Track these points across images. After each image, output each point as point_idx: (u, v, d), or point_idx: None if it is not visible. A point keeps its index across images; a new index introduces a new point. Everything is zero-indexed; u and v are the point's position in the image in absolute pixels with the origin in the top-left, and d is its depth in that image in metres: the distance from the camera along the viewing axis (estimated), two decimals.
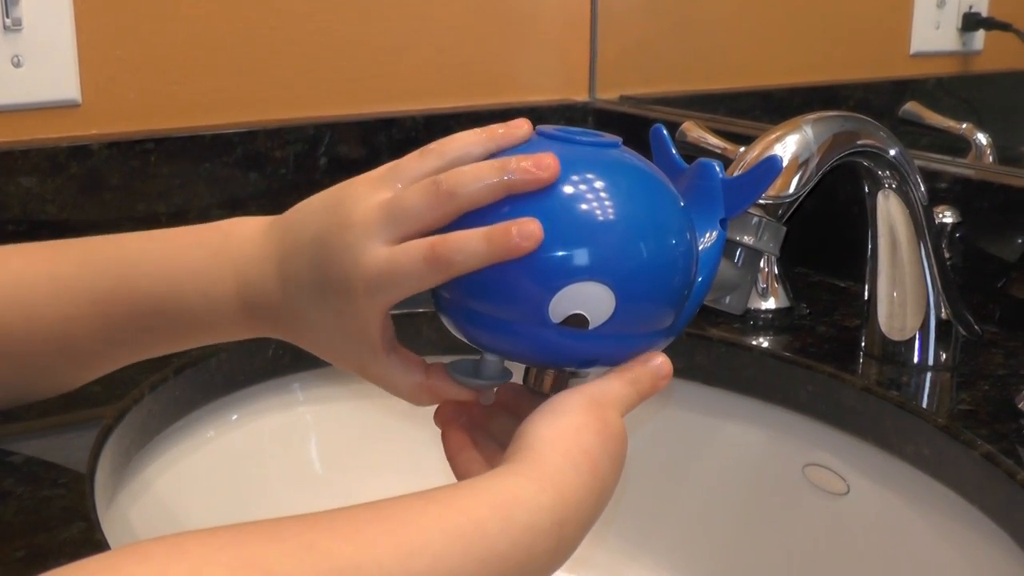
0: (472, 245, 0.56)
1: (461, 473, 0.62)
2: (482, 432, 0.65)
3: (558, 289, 0.56)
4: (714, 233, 0.63)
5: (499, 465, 0.56)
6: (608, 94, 1.37)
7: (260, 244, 0.65)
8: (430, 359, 0.97)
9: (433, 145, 0.63)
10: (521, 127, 0.62)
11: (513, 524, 0.51)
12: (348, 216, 0.60)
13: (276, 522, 0.48)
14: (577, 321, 0.57)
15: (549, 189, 0.57)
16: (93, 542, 0.63)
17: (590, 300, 0.57)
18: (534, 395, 0.63)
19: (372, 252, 0.58)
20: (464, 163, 0.60)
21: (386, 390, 0.64)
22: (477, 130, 0.62)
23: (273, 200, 1.16)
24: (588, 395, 0.58)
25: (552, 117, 1.32)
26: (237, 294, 0.64)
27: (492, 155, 0.61)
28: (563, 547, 0.54)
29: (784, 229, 0.77)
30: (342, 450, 0.99)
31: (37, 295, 0.67)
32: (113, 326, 0.67)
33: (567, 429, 0.56)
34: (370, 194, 0.60)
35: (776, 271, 0.99)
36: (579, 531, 0.56)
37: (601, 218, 0.57)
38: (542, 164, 0.57)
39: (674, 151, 0.67)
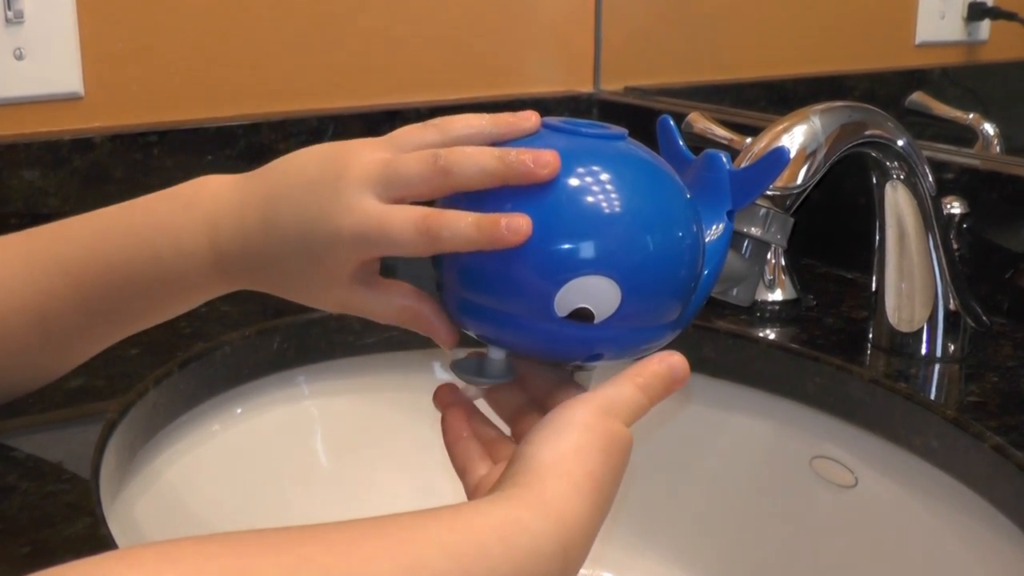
0: (461, 227, 0.56)
1: (458, 464, 0.61)
2: (482, 416, 0.64)
3: (564, 283, 0.56)
4: (721, 225, 0.63)
5: (500, 479, 0.55)
6: (613, 85, 1.37)
7: (236, 191, 0.65)
8: (435, 353, 0.98)
9: (437, 120, 0.63)
10: (529, 119, 0.61)
11: (516, 548, 0.50)
12: (346, 167, 0.60)
13: (272, 533, 0.47)
14: (583, 315, 0.57)
15: (555, 181, 0.57)
16: (98, 537, 0.62)
17: (596, 294, 0.56)
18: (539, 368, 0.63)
19: (366, 204, 0.59)
20: (465, 144, 0.60)
21: (370, 318, 0.64)
22: (485, 115, 0.62)
23: None
24: (595, 405, 0.57)
25: (557, 108, 1.32)
26: (209, 242, 0.64)
27: (496, 143, 0.61)
28: (568, 573, 0.54)
29: (792, 220, 0.76)
30: (347, 443, 0.98)
31: (9, 272, 0.66)
32: (88, 295, 0.66)
33: (570, 451, 0.55)
34: (369, 151, 0.61)
35: (783, 263, 0.98)
36: (583, 554, 0.54)
37: (607, 211, 0.56)
38: (541, 161, 0.56)
39: (681, 142, 0.67)
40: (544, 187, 0.57)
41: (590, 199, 0.56)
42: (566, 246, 0.56)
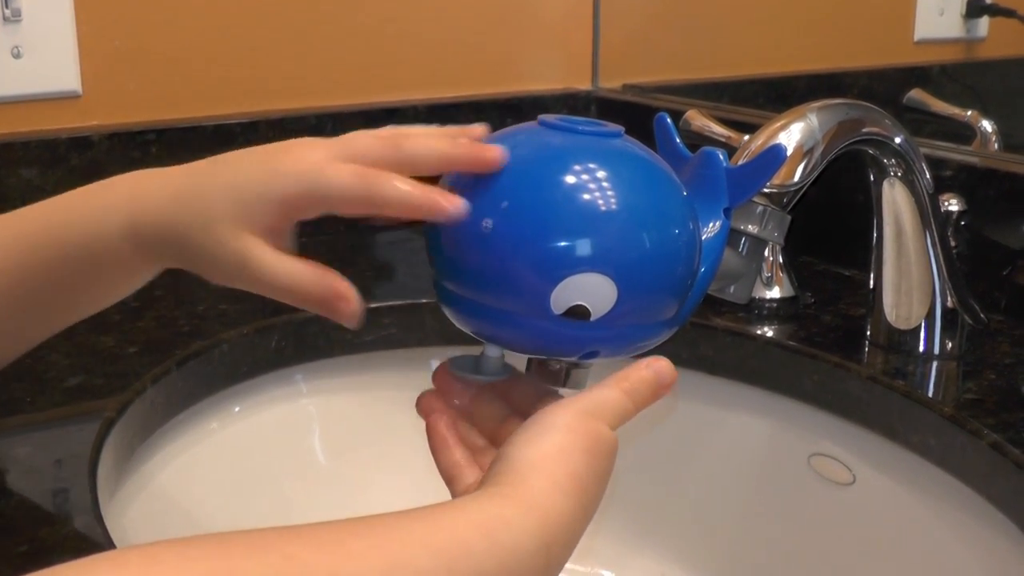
0: (401, 183, 0.58)
1: (446, 472, 0.61)
2: (467, 422, 0.64)
3: (559, 280, 0.56)
4: (718, 223, 0.63)
5: (483, 479, 0.55)
6: (611, 83, 1.37)
7: (165, 170, 0.66)
8: (433, 350, 0.98)
9: (391, 136, 0.62)
10: (487, 151, 0.61)
11: (499, 545, 0.51)
12: (292, 143, 0.61)
13: (258, 533, 0.47)
14: (579, 312, 0.57)
15: (551, 179, 0.57)
16: (95, 536, 0.63)
17: (592, 291, 0.56)
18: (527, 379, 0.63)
19: (310, 155, 0.59)
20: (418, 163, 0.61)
21: (269, 283, 0.63)
22: (441, 137, 0.62)
23: None
24: (579, 408, 0.57)
25: (555, 106, 1.32)
26: (128, 214, 0.64)
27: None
28: (551, 569, 0.54)
29: (789, 218, 0.76)
30: (345, 441, 0.98)
31: None
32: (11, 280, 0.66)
33: (552, 450, 0.55)
34: (318, 140, 0.61)
35: (781, 260, 0.98)
36: (566, 551, 0.54)
37: (603, 208, 0.56)
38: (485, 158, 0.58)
39: (678, 140, 0.67)
40: (540, 184, 0.57)
41: (586, 196, 0.56)
42: (562, 243, 0.56)
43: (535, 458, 0.54)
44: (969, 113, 1.12)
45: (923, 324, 0.87)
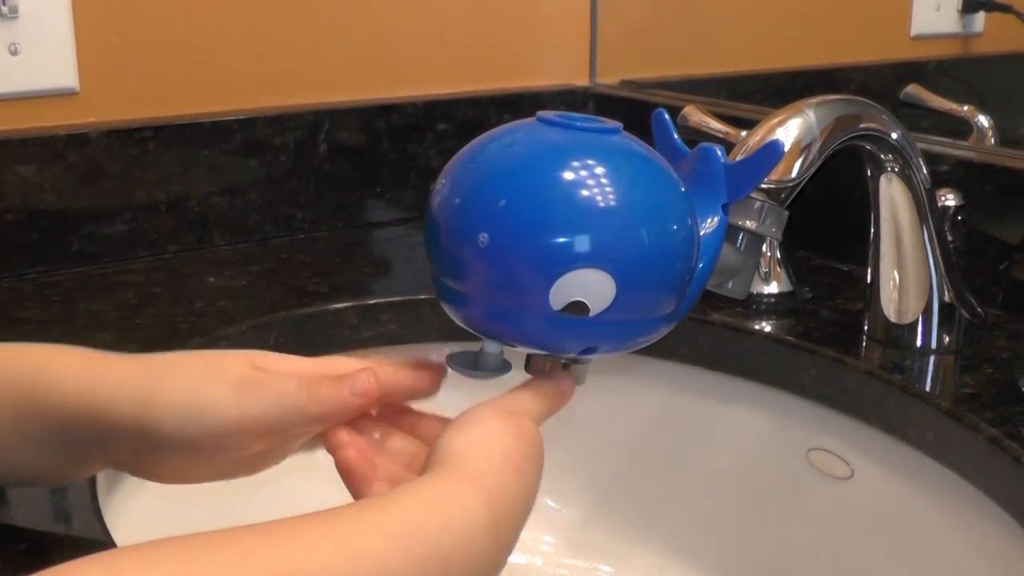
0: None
1: None
2: (386, 455, 0.63)
3: (558, 276, 0.56)
4: (716, 218, 0.63)
5: (423, 471, 0.56)
6: (609, 78, 1.37)
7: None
8: (431, 346, 0.98)
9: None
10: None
11: (452, 522, 0.51)
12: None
13: (217, 533, 0.47)
14: (578, 308, 0.57)
15: (549, 175, 0.57)
16: (95, 535, 0.63)
17: (590, 287, 0.56)
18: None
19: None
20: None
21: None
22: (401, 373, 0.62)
23: (272, 187, 1.16)
24: (499, 403, 0.59)
25: (553, 102, 1.32)
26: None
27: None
28: (501, 547, 0.54)
29: (786, 213, 0.76)
30: None
31: None
32: None
33: (483, 436, 0.56)
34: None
35: (779, 255, 0.98)
36: (513, 533, 0.55)
37: (602, 204, 0.56)
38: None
39: (676, 136, 0.67)
40: (539, 181, 0.57)
41: (585, 193, 0.56)
42: (561, 239, 0.56)
43: (468, 443, 0.56)
44: (966, 108, 1.12)
45: (920, 319, 0.87)
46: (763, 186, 0.76)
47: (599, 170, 0.57)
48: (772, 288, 0.98)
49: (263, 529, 0.48)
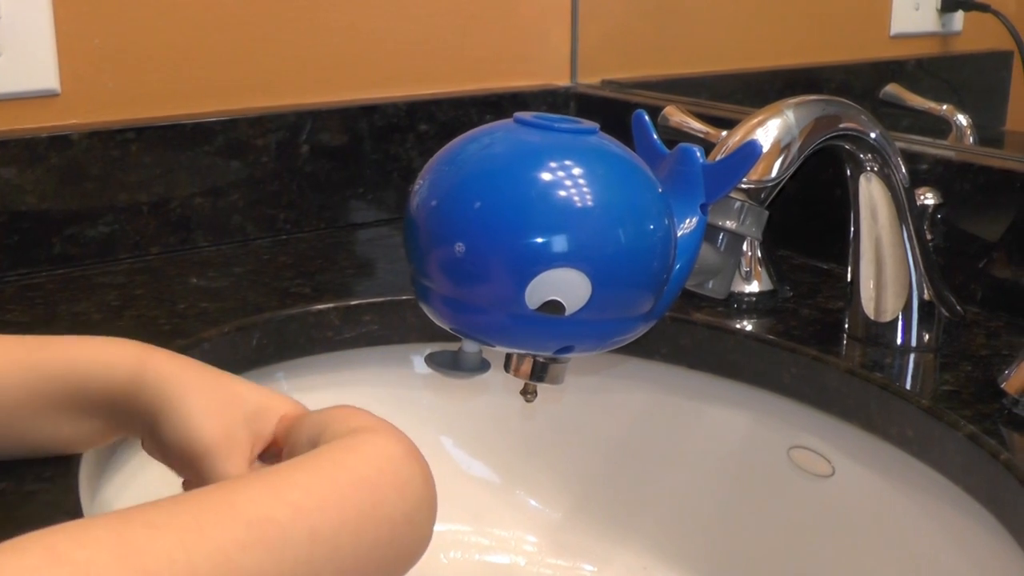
0: None
1: None
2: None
3: (533, 275, 0.56)
4: (695, 219, 0.64)
5: None
6: (590, 79, 1.37)
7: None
8: (413, 347, 0.98)
9: None
10: None
11: (367, 453, 0.52)
12: None
13: (152, 504, 0.47)
14: (553, 307, 0.57)
15: (525, 176, 0.57)
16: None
17: (566, 286, 0.57)
18: None
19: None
20: None
21: None
22: None
23: (255, 188, 1.16)
24: (296, 404, 0.62)
25: (534, 102, 1.32)
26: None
27: None
28: (428, 478, 0.54)
29: (766, 213, 0.77)
30: None
31: None
32: None
33: (333, 409, 0.58)
34: None
35: (759, 254, 0.99)
36: (423, 478, 0.55)
37: (577, 204, 0.57)
38: None
39: (655, 136, 0.67)
40: (515, 181, 0.57)
41: (561, 193, 0.57)
42: (536, 239, 0.56)
43: (332, 413, 0.58)
44: (945, 107, 1.12)
45: (900, 317, 0.88)
46: (743, 186, 0.76)
47: (575, 170, 0.58)
48: (753, 287, 0.98)
49: (196, 498, 0.48)
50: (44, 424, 0.65)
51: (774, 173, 0.78)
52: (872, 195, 0.86)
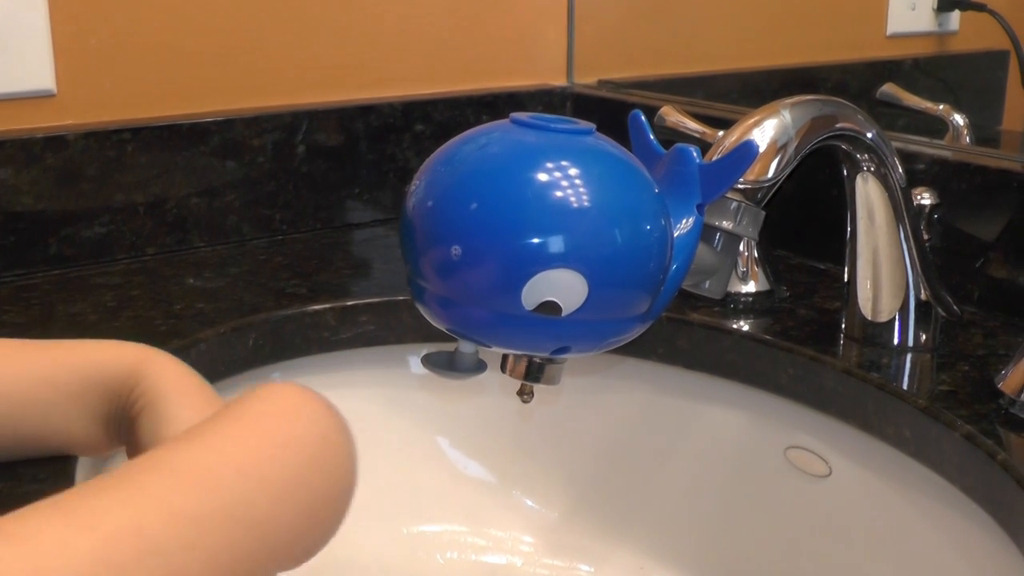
0: None
1: None
2: None
3: (530, 276, 0.56)
4: (691, 219, 0.64)
5: None
6: (586, 79, 1.37)
7: None
8: (410, 347, 0.98)
9: None
10: None
11: (287, 407, 0.54)
12: None
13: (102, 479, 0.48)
14: (550, 308, 0.57)
15: (522, 176, 0.57)
16: None
17: (562, 287, 0.57)
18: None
19: None
20: None
21: None
22: None
23: (251, 188, 1.16)
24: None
25: (530, 103, 1.32)
26: None
27: None
28: (346, 434, 0.56)
29: (763, 213, 0.77)
30: None
31: None
32: None
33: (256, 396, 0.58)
34: None
35: (756, 254, 0.99)
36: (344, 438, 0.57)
37: (574, 205, 0.57)
38: None
39: (651, 137, 0.67)
40: (512, 182, 0.57)
41: (558, 193, 0.57)
42: (533, 240, 0.56)
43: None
44: (941, 107, 1.12)
45: (897, 317, 0.88)
46: (740, 186, 0.76)
47: (572, 171, 0.57)
48: (750, 287, 0.98)
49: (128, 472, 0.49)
50: (54, 420, 0.65)
51: (771, 173, 0.78)
52: (869, 195, 0.86)
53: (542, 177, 0.57)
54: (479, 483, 1.02)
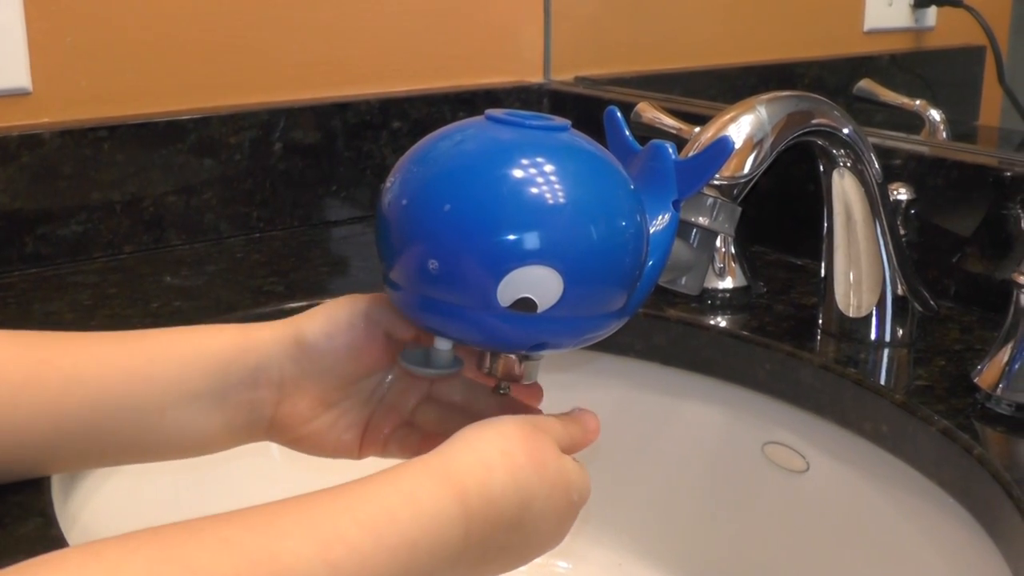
0: None
1: None
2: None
3: (505, 273, 0.56)
4: (667, 215, 0.64)
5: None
6: (563, 75, 1.37)
7: None
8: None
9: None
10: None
11: (422, 512, 0.53)
12: None
13: (193, 521, 0.49)
14: (525, 305, 0.57)
15: (497, 173, 0.57)
16: (49, 538, 0.62)
17: (538, 283, 0.57)
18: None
19: None
20: None
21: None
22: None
23: (228, 186, 1.16)
24: (524, 416, 0.61)
25: (507, 100, 1.32)
26: None
27: None
28: (472, 539, 0.55)
29: (739, 209, 0.77)
30: None
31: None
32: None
33: (490, 431, 0.58)
34: None
35: (733, 250, 0.99)
36: (492, 529, 0.56)
37: (549, 201, 0.57)
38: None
39: (627, 133, 0.67)
40: (486, 179, 0.57)
41: (532, 190, 0.57)
42: (508, 236, 0.56)
43: (471, 435, 0.58)
44: (918, 102, 1.13)
45: (874, 312, 0.88)
46: (716, 182, 0.76)
47: (547, 168, 0.57)
48: (727, 283, 0.98)
49: (241, 516, 0.50)
50: (186, 416, 0.68)
51: (747, 169, 0.78)
52: (845, 191, 0.86)
53: (517, 174, 0.57)
54: None
